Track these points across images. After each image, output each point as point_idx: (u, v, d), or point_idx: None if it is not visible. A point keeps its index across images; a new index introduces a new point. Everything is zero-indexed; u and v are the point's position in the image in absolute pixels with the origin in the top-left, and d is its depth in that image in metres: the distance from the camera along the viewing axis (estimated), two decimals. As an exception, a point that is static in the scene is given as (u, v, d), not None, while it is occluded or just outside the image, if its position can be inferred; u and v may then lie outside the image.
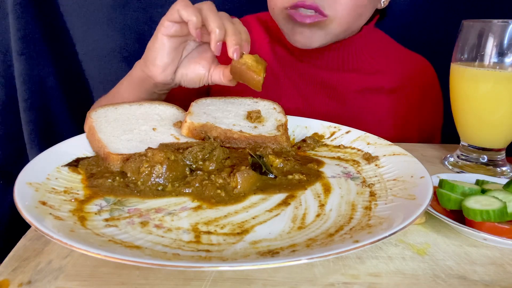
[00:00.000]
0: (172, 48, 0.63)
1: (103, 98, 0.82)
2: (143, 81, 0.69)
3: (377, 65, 0.90)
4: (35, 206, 0.40)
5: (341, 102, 0.88)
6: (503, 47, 0.59)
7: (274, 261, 0.33)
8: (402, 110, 0.91)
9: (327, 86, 0.87)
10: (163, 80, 0.66)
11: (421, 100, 0.93)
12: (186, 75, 0.67)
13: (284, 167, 0.55)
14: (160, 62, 0.64)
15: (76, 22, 1.12)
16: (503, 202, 0.44)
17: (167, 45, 0.63)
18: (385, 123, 0.90)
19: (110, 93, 0.80)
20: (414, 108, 0.92)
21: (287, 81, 0.88)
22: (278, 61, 0.89)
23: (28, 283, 0.36)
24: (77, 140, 0.57)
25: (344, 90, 0.88)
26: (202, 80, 0.67)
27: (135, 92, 0.72)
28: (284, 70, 0.89)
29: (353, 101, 0.88)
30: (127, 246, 0.36)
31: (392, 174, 0.53)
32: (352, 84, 0.88)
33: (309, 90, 0.88)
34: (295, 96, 0.88)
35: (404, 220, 0.39)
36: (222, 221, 0.42)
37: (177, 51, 0.65)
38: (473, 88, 0.62)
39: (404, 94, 0.91)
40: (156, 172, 0.48)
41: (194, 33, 0.59)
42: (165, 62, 0.64)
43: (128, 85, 0.73)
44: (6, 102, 1.12)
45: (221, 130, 0.60)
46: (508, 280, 0.38)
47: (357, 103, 0.88)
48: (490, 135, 0.65)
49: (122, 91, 0.75)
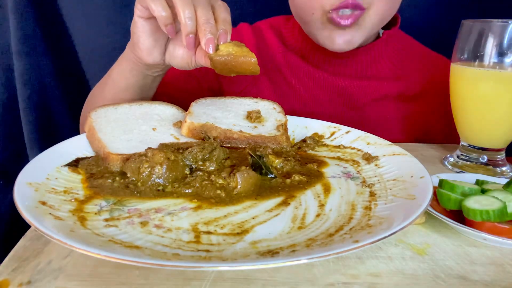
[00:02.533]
0: (152, 30, 0.60)
1: (96, 88, 0.79)
2: (135, 63, 0.66)
3: (396, 71, 0.87)
4: (35, 206, 0.40)
5: (358, 110, 0.85)
6: (503, 47, 0.59)
7: (274, 261, 0.33)
8: (424, 116, 0.88)
9: (344, 94, 0.85)
10: (152, 62, 0.63)
11: (444, 104, 0.91)
12: (174, 58, 0.63)
13: (284, 167, 0.55)
14: (143, 45, 0.61)
15: (76, 22, 1.12)
16: (503, 202, 0.44)
17: (147, 28, 0.59)
18: (405, 130, 0.87)
19: (102, 81, 0.76)
20: (438, 113, 0.88)
21: (302, 90, 0.86)
22: (292, 70, 0.87)
23: (28, 283, 0.36)
24: (77, 140, 0.57)
25: (361, 98, 0.85)
26: (190, 64, 0.63)
27: (129, 76, 0.68)
28: (298, 78, 0.86)
29: (371, 109, 0.85)
30: (127, 246, 0.36)
31: (392, 174, 0.53)
32: (370, 92, 0.85)
33: (325, 98, 0.86)
34: (309, 105, 0.86)
35: (404, 220, 0.39)
36: (222, 221, 0.42)
37: (160, 31, 0.60)
38: (473, 88, 0.62)
39: (426, 99, 0.88)
40: (156, 172, 0.48)
41: (165, 30, 0.55)
42: (149, 45, 0.61)
43: (120, 70, 0.70)
44: (6, 102, 1.12)
45: (221, 130, 0.60)
46: (508, 280, 0.38)
47: (375, 111, 0.85)
48: (490, 135, 0.65)
49: (115, 77, 0.71)
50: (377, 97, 0.86)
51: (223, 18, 0.56)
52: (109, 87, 0.72)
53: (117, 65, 0.71)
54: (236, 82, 0.88)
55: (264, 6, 1.11)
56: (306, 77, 0.86)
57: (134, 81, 0.69)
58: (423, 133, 0.89)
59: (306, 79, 0.86)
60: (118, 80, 0.70)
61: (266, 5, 1.11)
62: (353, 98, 0.85)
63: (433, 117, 0.89)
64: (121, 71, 0.69)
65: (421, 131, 0.89)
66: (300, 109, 0.84)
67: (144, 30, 0.59)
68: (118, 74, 0.70)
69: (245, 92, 0.87)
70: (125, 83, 0.70)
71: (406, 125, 0.87)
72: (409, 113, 0.87)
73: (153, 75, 0.68)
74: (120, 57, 0.70)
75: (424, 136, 0.88)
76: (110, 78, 0.72)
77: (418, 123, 0.88)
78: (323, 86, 0.86)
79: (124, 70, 0.69)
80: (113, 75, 0.71)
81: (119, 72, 0.70)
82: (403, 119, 0.87)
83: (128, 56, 0.66)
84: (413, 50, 0.93)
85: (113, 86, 0.71)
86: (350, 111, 0.86)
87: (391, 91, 0.86)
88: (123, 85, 0.70)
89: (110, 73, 0.73)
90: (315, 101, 0.86)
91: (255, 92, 0.86)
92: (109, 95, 0.72)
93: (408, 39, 0.94)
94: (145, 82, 0.69)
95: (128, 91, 0.70)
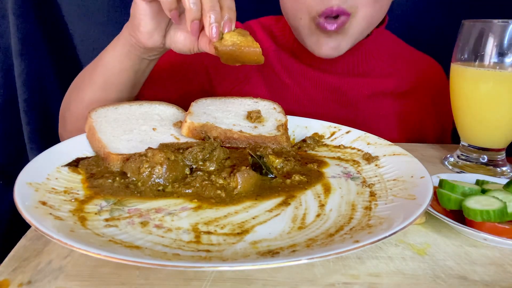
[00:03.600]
0: (154, 13, 0.58)
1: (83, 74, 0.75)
2: (133, 46, 0.63)
3: (387, 68, 0.88)
4: (35, 206, 0.40)
5: (352, 108, 0.86)
6: (503, 47, 0.59)
7: (274, 261, 0.33)
8: (415, 113, 0.89)
9: (337, 91, 0.86)
10: (152, 46, 0.61)
11: (433, 103, 0.92)
12: (175, 43, 0.62)
13: (284, 167, 0.55)
14: (144, 28, 0.59)
15: (76, 22, 1.12)
16: (503, 202, 0.44)
17: (149, 11, 0.57)
18: (399, 127, 0.88)
19: (90, 67, 0.72)
20: (427, 110, 0.91)
21: (296, 88, 0.86)
22: (285, 69, 0.87)
23: (28, 283, 0.36)
24: (77, 140, 0.57)
25: (354, 95, 0.86)
26: (191, 49, 0.62)
27: (124, 59, 0.66)
28: (292, 77, 0.87)
29: (364, 106, 0.86)
30: (127, 246, 0.36)
31: (392, 174, 0.53)
32: (363, 89, 0.86)
33: (318, 96, 0.86)
34: (304, 103, 0.86)
35: (404, 220, 0.39)
36: (222, 221, 0.42)
37: (162, 14, 0.58)
38: (473, 88, 0.62)
39: (415, 97, 0.90)
40: (156, 172, 0.48)
41: (169, 15, 0.54)
42: (150, 28, 0.59)
43: (115, 54, 0.66)
44: (6, 102, 1.12)
45: (221, 130, 0.60)
46: (508, 280, 0.38)
47: (368, 108, 0.86)
48: (490, 135, 0.65)
49: (108, 60, 0.68)
50: (370, 94, 0.87)
51: (228, 6, 0.55)
52: (100, 72, 0.69)
53: (111, 49, 0.68)
54: (228, 81, 0.88)
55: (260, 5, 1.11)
56: (299, 75, 0.87)
57: (129, 65, 0.67)
58: (416, 130, 0.90)
59: (299, 77, 0.87)
60: (112, 64, 0.67)
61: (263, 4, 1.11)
62: (346, 95, 0.86)
63: (424, 114, 0.90)
64: (116, 55, 0.67)
65: (414, 128, 0.90)
66: (293, 108, 0.84)
67: (145, 13, 0.58)
68: (112, 57, 0.67)
69: (237, 90, 0.87)
70: (119, 67, 0.67)
71: (399, 122, 0.89)
72: (402, 109, 0.88)
73: (149, 58, 0.66)
74: (115, 41, 0.67)
75: (417, 133, 0.90)
76: (102, 62, 0.69)
77: (411, 120, 0.89)
78: (315, 85, 0.86)
79: (119, 54, 0.66)
80: (106, 59, 0.68)
81: (114, 56, 0.67)
82: (396, 116, 0.88)
83: (125, 39, 0.64)
84: (400, 48, 0.94)
85: (105, 70, 0.68)
86: (343, 109, 0.87)
87: (383, 88, 0.87)
88: (116, 69, 0.67)
89: (101, 57, 0.70)
90: (309, 99, 0.87)
91: (248, 91, 0.86)
92: (100, 79, 0.69)
93: (395, 38, 0.95)
94: (140, 67, 0.68)
95: (121, 75, 0.68)
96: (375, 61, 0.87)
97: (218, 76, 0.87)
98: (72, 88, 0.78)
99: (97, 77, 0.69)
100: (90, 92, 0.70)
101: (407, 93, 0.89)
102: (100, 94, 0.70)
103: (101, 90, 0.69)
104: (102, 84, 0.69)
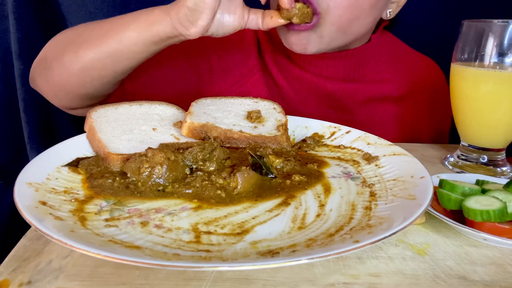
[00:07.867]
0: (216, 5, 0.59)
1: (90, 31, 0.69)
2: (170, 37, 0.62)
3: (383, 73, 0.88)
4: (35, 206, 0.40)
5: (346, 113, 0.86)
6: (503, 47, 0.59)
7: (274, 261, 0.33)
8: (411, 116, 0.89)
9: (332, 97, 0.85)
10: (197, 35, 0.61)
11: (430, 105, 0.91)
12: (224, 27, 0.63)
13: (284, 167, 0.55)
14: (203, 22, 0.59)
15: (76, 22, 1.12)
16: (503, 202, 0.44)
17: (214, 4, 0.58)
18: (394, 132, 0.88)
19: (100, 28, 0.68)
20: (423, 113, 0.90)
21: (292, 92, 0.86)
22: (281, 72, 0.86)
23: (28, 283, 0.36)
24: (77, 140, 0.57)
25: (349, 101, 0.85)
26: (236, 29, 0.64)
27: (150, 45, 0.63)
28: (288, 81, 0.86)
29: (359, 111, 0.86)
30: (127, 246, 0.36)
31: (392, 174, 0.53)
32: (358, 95, 0.85)
33: (313, 102, 0.86)
34: (298, 106, 0.86)
35: (404, 220, 0.39)
36: (222, 221, 0.42)
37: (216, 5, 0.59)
38: (473, 88, 0.62)
39: (412, 100, 0.89)
40: (156, 172, 0.48)
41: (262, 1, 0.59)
42: (209, 21, 0.59)
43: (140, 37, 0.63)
44: (6, 102, 1.12)
45: (221, 130, 0.60)
46: (508, 280, 0.38)
47: (363, 114, 0.86)
48: (490, 135, 0.65)
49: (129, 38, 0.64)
50: (365, 100, 0.86)
51: None
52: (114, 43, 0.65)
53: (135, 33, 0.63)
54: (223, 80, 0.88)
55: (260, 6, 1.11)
56: (294, 79, 0.86)
57: (154, 50, 0.65)
58: (411, 133, 0.90)
59: (294, 81, 0.86)
60: (133, 42, 0.64)
61: None
62: (341, 101, 0.86)
63: (421, 117, 0.90)
64: (141, 39, 0.63)
65: (409, 131, 0.90)
66: (288, 111, 0.83)
67: (211, 6, 0.58)
68: (134, 40, 0.63)
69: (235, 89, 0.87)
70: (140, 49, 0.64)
71: (395, 126, 0.88)
72: (398, 114, 0.88)
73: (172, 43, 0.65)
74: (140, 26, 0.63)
75: (412, 136, 0.89)
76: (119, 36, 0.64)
77: (406, 123, 0.89)
78: (310, 89, 0.85)
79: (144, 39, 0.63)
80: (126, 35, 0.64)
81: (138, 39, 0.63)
82: (392, 120, 0.88)
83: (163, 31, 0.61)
84: (399, 52, 0.94)
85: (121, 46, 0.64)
86: (338, 113, 0.86)
87: (379, 93, 0.87)
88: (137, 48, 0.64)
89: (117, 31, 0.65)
90: (304, 103, 0.86)
91: (244, 91, 0.86)
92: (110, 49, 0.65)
93: (395, 41, 0.94)
94: (162, 48, 0.66)
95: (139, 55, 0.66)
96: (371, 67, 0.86)
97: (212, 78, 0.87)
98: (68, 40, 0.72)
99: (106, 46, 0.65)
100: (93, 54, 0.66)
101: (403, 97, 0.89)
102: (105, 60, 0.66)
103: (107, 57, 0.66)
104: (111, 54, 0.65)
